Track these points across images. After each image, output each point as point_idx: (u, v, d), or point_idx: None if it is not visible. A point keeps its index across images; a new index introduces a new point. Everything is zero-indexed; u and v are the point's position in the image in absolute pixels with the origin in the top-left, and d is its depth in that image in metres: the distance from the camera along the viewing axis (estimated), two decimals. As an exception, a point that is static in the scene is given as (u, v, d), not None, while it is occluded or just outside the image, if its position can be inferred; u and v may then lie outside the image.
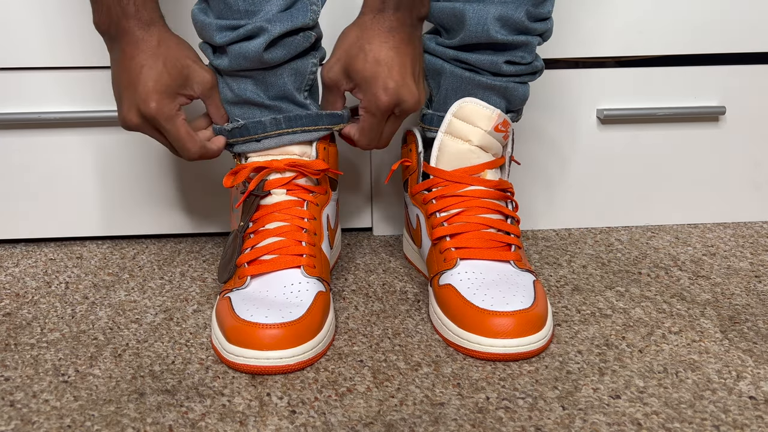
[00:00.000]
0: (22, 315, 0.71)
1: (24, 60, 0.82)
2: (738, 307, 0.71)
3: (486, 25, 0.66)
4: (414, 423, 0.53)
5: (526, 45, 0.68)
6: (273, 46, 0.65)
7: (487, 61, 0.68)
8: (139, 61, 0.63)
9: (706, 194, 0.92)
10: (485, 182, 0.71)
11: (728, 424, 0.53)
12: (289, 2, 0.65)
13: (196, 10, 0.67)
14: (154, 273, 0.81)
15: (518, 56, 0.68)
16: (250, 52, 0.64)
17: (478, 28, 0.66)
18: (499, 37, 0.66)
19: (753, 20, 0.86)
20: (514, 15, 0.66)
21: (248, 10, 0.64)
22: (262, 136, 0.68)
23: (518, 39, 0.67)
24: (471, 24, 0.67)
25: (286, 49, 0.65)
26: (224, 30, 0.65)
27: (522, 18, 0.66)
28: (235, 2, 0.64)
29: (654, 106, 0.88)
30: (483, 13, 0.66)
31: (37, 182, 0.86)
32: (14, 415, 0.55)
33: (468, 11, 0.66)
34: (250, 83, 0.67)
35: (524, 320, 0.61)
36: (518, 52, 0.68)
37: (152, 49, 0.63)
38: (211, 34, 0.65)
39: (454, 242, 0.68)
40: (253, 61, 0.65)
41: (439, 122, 0.71)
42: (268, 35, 0.63)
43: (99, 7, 0.63)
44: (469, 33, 0.67)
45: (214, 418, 0.54)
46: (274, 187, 0.69)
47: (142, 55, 0.63)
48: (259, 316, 0.60)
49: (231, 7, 0.64)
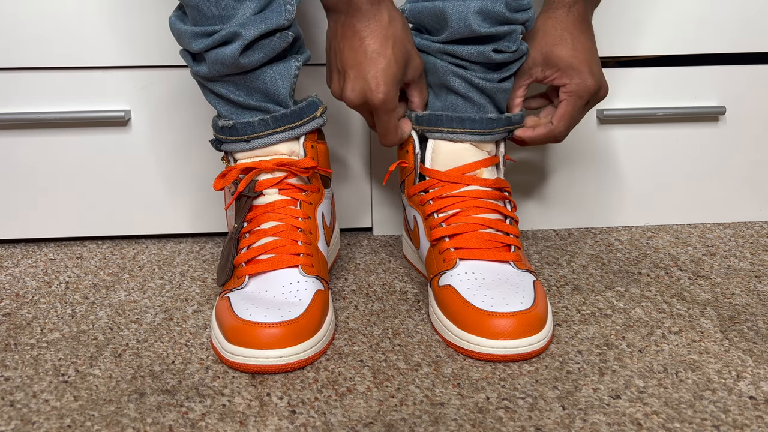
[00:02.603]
0: (22, 315, 0.71)
1: (24, 60, 0.82)
2: (738, 307, 0.71)
3: (468, 20, 0.66)
4: (414, 423, 0.53)
5: (509, 34, 0.68)
6: (249, 50, 0.64)
7: (475, 52, 0.68)
8: (370, 43, 0.65)
9: (706, 194, 0.92)
10: (482, 181, 0.71)
11: (728, 424, 0.53)
12: (262, 4, 0.64)
13: (173, 18, 0.67)
14: (154, 273, 0.81)
15: (504, 45, 0.68)
16: (227, 57, 0.64)
17: (461, 23, 0.66)
18: (482, 30, 0.66)
19: (753, 20, 0.86)
20: (494, 7, 0.66)
21: (222, 15, 0.63)
22: (251, 136, 0.68)
23: (501, 30, 0.67)
24: (453, 20, 0.67)
25: (263, 52, 0.65)
26: (200, 37, 0.64)
27: (502, 9, 0.66)
28: (208, 8, 0.63)
29: (654, 106, 0.88)
30: (463, 9, 0.66)
31: (37, 182, 0.86)
32: (14, 415, 0.55)
33: (448, 8, 0.67)
34: (232, 87, 0.67)
35: (524, 321, 0.61)
36: (503, 41, 0.68)
37: (383, 29, 0.65)
38: (188, 41, 0.65)
39: (454, 243, 0.68)
40: (230, 66, 0.65)
41: (437, 122, 0.71)
42: (243, 40, 0.63)
43: None
44: (453, 29, 0.67)
45: (214, 418, 0.54)
46: (266, 187, 0.69)
47: (372, 37, 0.65)
48: (258, 315, 0.60)
49: (205, 14, 0.64)
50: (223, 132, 0.69)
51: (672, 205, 0.92)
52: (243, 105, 0.68)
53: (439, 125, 0.71)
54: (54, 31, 0.81)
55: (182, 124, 0.86)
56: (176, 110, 0.85)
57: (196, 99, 0.85)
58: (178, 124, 0.86)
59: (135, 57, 0.83)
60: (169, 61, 0.83)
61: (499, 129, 0.71)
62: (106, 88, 0.84)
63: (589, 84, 0.69)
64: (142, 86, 0.84)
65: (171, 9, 0.80)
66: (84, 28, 0.81)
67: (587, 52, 0.70)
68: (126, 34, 0.82)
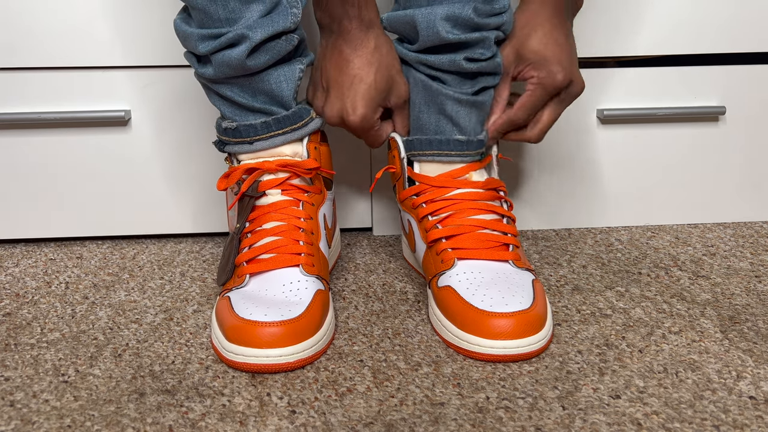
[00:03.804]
0: (22, 315, 0.71)
1: (24, 60, 0.82)
2: (738, 307, 0.71)
3: (435, 27, 0.66)
4: (414, 423, 0.53)
5: (482, 41, 0.67)
6: (255, 52, 0.65)
7: (447, 60, 0.68)
8: (354, 66, 0.67)
9: (706, 194, 0.92)
10: (473, 184, 0.70)
11: (728, 424, 0.53)
12: (269, 7, 0.64)
13: (178, 21, 0.67)
14: (154, 273, 0.81)
15: (477, 53, 0.67)
16: (233, 59, 0.64)
17: (429, 31, 0.66)
18: (451, 37, 0.66)
19: (753, 20, 0.86)
20: (461, 13, 0.65)
21: (228, 18, 0.64)
22: (254, 138, 0.69)
23: (471, 36, 0.66)
24: (422, 28, 0.66)
25: (269, 54, 0.65)
26: (206, 39, 0.65)
27: (470, 15, 0.65)
28: (215, 11, 0.63)
29: (654, 106, 0.88)
30: (431, 16, 0.66)
31: (37, 182, 0.86)
32: (14, 415, 0.55)
33: (417, 16, 0.66)
34: (237, 89, 0.68)
35: (524, 321, 0.60)
36: (477, 48, 0.67)
37: (368, 54, 0.67)
38: (194, 44, 0.65)
39: (451, 243, 0.68)
40: (237, 68, 0.65)
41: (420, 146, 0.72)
42: (250, 42, 0.63)
43: (320, 4, 0.66)
44: (423, 38, 0.67)
45: (214, 418, 0.54)
46: (269, 187, 0.69)
47: (357, 60, 0.67)
48: (258, 314, 0.60)
49: (211, 16, 0.64)
50: (227, 134, 0.70)
51: (672, 205, 0.92)
52: (247, 107, 0.68)
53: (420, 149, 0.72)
54: (54, 31, 0.81)
55: (182, 124, 0.86)
56: (176, 110, 0.85)
57: (196, 99, 0.85)
58: (178, 124, 0.86)
59: (135, 57, 0.83)
60: (170, 61, 0.83)
61: (471, 152, 0.71)
62: (106, 88, 0.84)
63: (556, 77, 0.68)
64: (142, 86, 0.84)
65: (170, 9, 0.80)
66: (84, 28, 0.81)
67: (558, 45, 0.68)
68: (126, 34, 0.82)
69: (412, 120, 0.72)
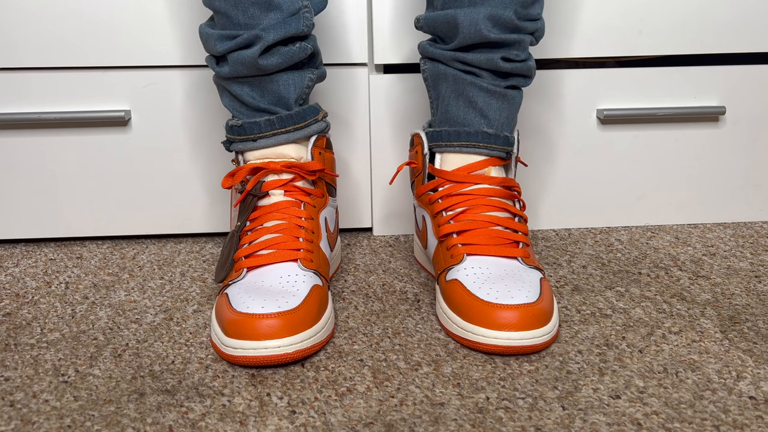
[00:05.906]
0: (22, 315, 0.71)
1: (24, 60, 0.82)
2: (738, 307, 0.71)
3: (478, 26, 0.68)
4: (414, 423, 0.53)
5: (518, 42, 0.70)
6: (267, 53, 0.68)
7: (484, 58, 0.70)
8: None
9: (706, 194, 0.92)
10: (489, 179, 0.71)
11: (728, 424, 0.53)
12: (286, 16, 0.68)
13: (203, 25, 0.71)
14: (154, 273, 0.81)
15: (513, 54, 0.70)
16: (247, 58, 0.68)
17: (471, 29, 0.68)
18: (492, 35, 0.68)
19: (753, 20, 0.86)
20: (503, 14, 0.68)
21: (248, 23, 0.68)
22: (258, 136, 0.71)
23: (510, 37, 0.69)
24: (464, 26, 0.69)
25: (281, 57, 0.69)
26: (224, 39, 0.69)
27: (511, 17, 0.68)
28: (236, 16, 0.68)
29: (654, 106, 0.88)
30: (474, 15, 0.68)
31: (37, 182, 0.86)
32: (14, 415, 0.55)
33: (460, 15, 0.69)
34: (247, 87, 0.71)
35: (529, 314, 0.61)
36: (512, 49, 0.70)
37: None
38: (213, 43, 0.70)
39: (461, 239, 0.69)
40: (250, 67, 0.68)
41: (447, 137, 0.73)
42: (263, 42, 0.67)
43: None
44: (464, 35, 0.69)
45: (214, 418, 0.54)
46: (273, 188, 0.70)
47: None
48: (255, 307, 0.60)
49: (232, 20, 0.68)
50: (233, 131, 0.72)
51: (672, 205, 0.92)
52: (254, 106, 0.71)
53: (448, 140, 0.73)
54: (54, 31, 0.81)
55: (182, 124, 0.86)
56: (176, 110, 0.85)
57: (196, 99, 0.85)
58: (178, 124, 0.86)
59: (135, 57, 0.83)
60: (170, 61, 0.83)
61: (497, 146, 0.72)
62: (106, 88, 0.84)
63: None
64: (142, 86, 0.84)
65: (170, 9, 0.81)
66: (84, 28, 0.81)
67: None
68: (126, 34, 0.82)
69: (440, 113, 0.74)
